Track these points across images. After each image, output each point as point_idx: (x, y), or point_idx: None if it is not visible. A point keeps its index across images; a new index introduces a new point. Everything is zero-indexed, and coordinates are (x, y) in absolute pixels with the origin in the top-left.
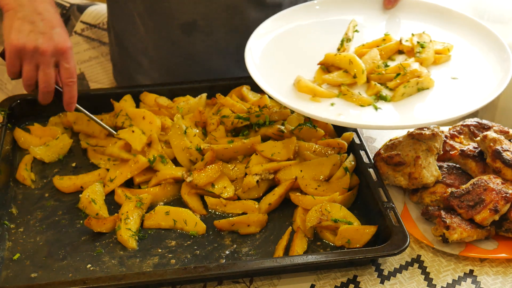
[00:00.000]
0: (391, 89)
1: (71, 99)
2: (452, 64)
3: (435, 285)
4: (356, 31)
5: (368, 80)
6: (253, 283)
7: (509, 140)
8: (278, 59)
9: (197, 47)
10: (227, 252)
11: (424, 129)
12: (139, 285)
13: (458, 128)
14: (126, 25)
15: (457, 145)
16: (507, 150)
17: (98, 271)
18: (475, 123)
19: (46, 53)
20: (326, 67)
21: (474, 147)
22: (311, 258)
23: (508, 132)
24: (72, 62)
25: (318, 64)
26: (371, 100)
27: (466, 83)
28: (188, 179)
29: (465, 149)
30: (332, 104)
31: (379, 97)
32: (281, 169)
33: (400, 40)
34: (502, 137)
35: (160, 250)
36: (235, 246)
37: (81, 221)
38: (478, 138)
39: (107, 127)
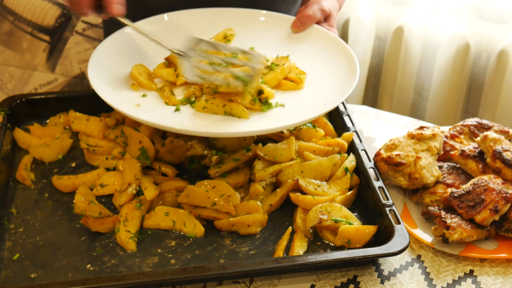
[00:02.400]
0: (202, 97)
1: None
2: (297, 94)
3: (435, 285)
4: (228, 40)
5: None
6: (253, 283)
7: (509, 140)
8: (132, 53)
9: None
10: (227, 252)
11: (424, 129)
12: (139, 285)
13: (458, 128)
14: (113, 19)
15: (457, 145)
16: (507, 150)
17: (98, 271)
18: (475, 123)
19: None
20: (169, 63)
21: (474, 147)
22: (311, 258)
23: (508, 132)
24: None
25: (164, 58)
26: (178, 101)
27: (291, 111)
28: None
29: (465, 149)
30: (144, 95)
31: (188, 101)
32: (282, 170)
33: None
34: (502, 137)
35: (160, 250)
36: (235, 246)
37: (81, 221)
38: (478, 138)
39: (169, 47)
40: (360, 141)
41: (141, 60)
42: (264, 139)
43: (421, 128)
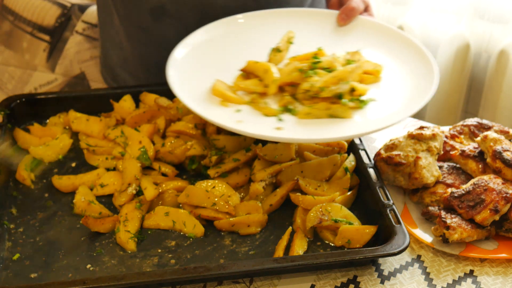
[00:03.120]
0: (303, 104)
1: None
2: (380, 85)
3: (435, 285)
4: (291, 42)
5: (284, 92)
6: (253, 283)
7: (509, 140)
8: (204, 64)
9: (167, 33)
10: (227, 252)
11: (424, 129)
12: (139, 285)
13: (458, 128)
14: (106, 18)
15: (457, 145)
16: (508, 150)
17: (98, 271)
18: (475, 123)
19: None
20: (247, 74)
21: (475, 147)
22: (311, 258)
23: (508, 132)
24: None
25: (239, 70)
26: (277, 111)
27: (384, 106)
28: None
29: (465, 149)
30: (238, 111)
31: (287, 110)
32: (282, 170)
33: (332, 55)
34: (502, 137)
35: (160, 250)
36: (235, 246)
37: (81, 221)
38: (479, 138)
39: None
40: (360, 141)
41: (211, 73)
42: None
43: (421, 128)
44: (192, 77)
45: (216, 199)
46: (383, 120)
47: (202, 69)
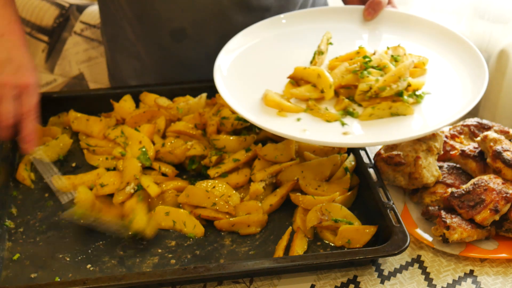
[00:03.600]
0: (360, 105)
1: (30, 135)
2: (427, 78)
3: (435, 285)
4: (330, 43)
5: (337, 95)
6: (253, 283)
7: (510, 140)
8: (248, 73)
9: (187, 54)
10: (227, 252)
11: None
12: (139, 285)
13: (458, 128)
14: (117, 31)
15: (457, 145)
16: (508, 150)
17: (98, 271)
18: (475, 123)
19: (6, 85)
20: (296, 81)
21: (475, 147)
22: (311, 258)
23: (508, 132)
24: (33, 98)
25: (287, 77)
26: (338, 115)
27: (439, 99)
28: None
29: (465, 149)
30: (298, 119)
31: (347, 113)
32: (282, 170)
33: (374, 53)
34: (502, 137)
35: (160, 250)
36: (235, 246)
37: (81, 221)
38: (479, 138)
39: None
40: None
41: (257, 83)
42: (264, 139)
43: None
44: (239, 87)
45: (216, 199)
46: (445, 115)
47: (246, 78)
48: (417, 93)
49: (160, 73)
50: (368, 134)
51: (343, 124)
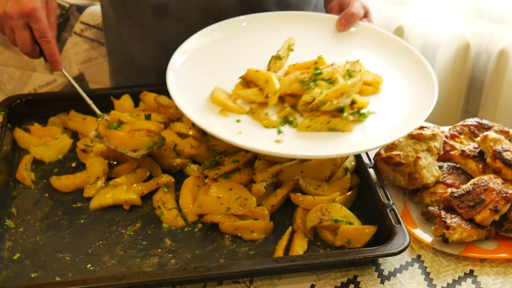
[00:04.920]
0: (302, 115)
1: (51, 57)
2: (380, 97)
3: (435, 285)
4: (291, 50)
5: (283, 102)
6: (253, 283)
7: (509, 140)
8: (202, 72)
9: (168, 34)
10: (227, 252)
11: (424, 129)
12: (139, 285)
13: (458, 128)
14: (106, 21)
15: (457, 145)
16: (507, 150)
17: (98, 271)
18: (475, 123)
19: (13, 15)
20: (247, 82)
21: (474, 147)
22: (311, 258)
23: (508, 132)
24: (40, 22)
25: (239, 78)
26: (277, 122)
27: (383, 119)
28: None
29: (465, 149)
30: (238, 121)
31: (287, 121)
32: (282, 171)
33: (332, 65)
34: (502, 137)
35: (160, 250)
36: (235, 246)
37: (81, 221)
38: (478, 138)
39: (93, 105)
40: None
41: (211, 80)
42: None
43: (421, 128)
44: (192, 83)
45: (229, 203)
46: (383, 136)
47: (201, 75)
48: (361, 111)
49: (139, 61)
50: (299, 146)
51: (279, 132)
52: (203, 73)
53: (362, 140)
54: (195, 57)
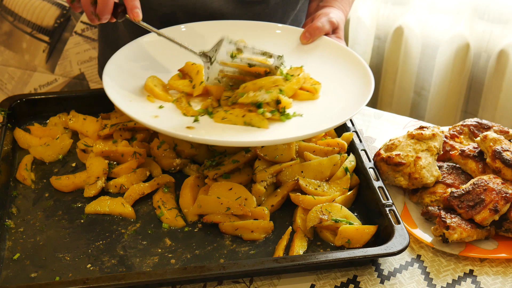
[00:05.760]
0: (221, 108)
1: (130, 4)
2: (314, 103)
3: (435, 285)
4: (241, 52)
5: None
6: (253, 283)
7: (509, 140)
8: (149, 64)
9: None
10: (227, 252)
11: (424, 129)
12: (139, 285)
13: (458, 128)
14: (107, 23)
15: (457, 145)
16: (507, 150)
17: (98, 271)
18: (475, 123)
19: None
20: (183, 75)
21: (474, 147)
22: (311, 258)
23: (508, 132)
24: None
25: (178, 70)
26: (196, 112)
27: (305, 121)
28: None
29: (465, 149)
30: (160, 107)
31: (207, 112)
32: (282, 170)
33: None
34: (502, 137)
35: (160, 250)
36: (235, 246)
37: (81, 221)
38: (478, 138)
39: (188, 47)
40: (360, 141)
41: (154, 72)
42: None
43: (421, 128)
44: (132, 74)
45: (229, 203)
46: (294, 133)
47: (144, 69)
48: (285, 111)
49: None
50: (206, 133)
51: (195, 120)
52: (146, 68)
53: (274, 137)
54: (140, 53)
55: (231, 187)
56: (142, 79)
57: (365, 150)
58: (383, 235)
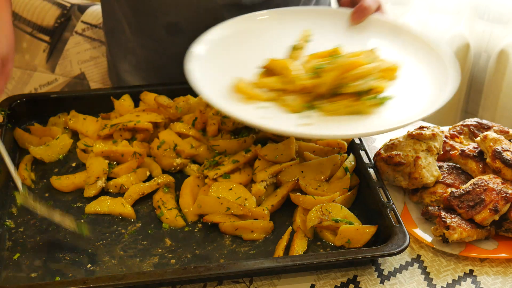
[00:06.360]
0: (324, 100)
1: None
2: (395, 83)
3: (435, 285)
4: (307, 41)
5: (304, 89)
6: (253, 283)
7: (509, 140)
8: (223, 62)
9: (182, 48)
10: (227, 252)
11: (424, 129)
12: (139, 285)
13: (458, 128)
14: (114, 24)
15: (457, 145)
16: (507, 150)
17: (98, 271)
18: (475, 123)
19: None
20: (268, 71)
21: (474, 147)
22: (311, 258)
23: (508, 132)
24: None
25: (261, 67)
26: (302, 107)
27: (401, 103)
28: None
29: (465, 149)
30: (262, 108)
31: (310, 107)
32: (282, 170)
33: (343, 54)
34: (502, 137)
35: (160, 250)
36: (235, 246)
37: (81, 221)
38: (478, 138)
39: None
40: (360, 141)
41: (230, 72)
42: (264, 139)
43: (421, 128)
44: (211, 74)
45: (229, 203)
46: (398, 119)
47: (221, 66)
48: (379, 96)
49: (153, 68)
50: (325, 128)
51: (303, 116)
52: (222, 65)
53: (378, 122)
54: (214, 49)
55: (231, 187)
56: (223, 80)
57: (365, 150)
58: (383, 235)
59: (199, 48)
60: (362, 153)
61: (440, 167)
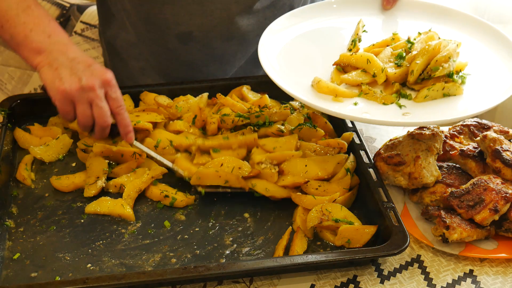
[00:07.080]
0: (411, 88)
1: (126, 127)
2: (462, 60)
3: (435, 285)
4: (364, 31)
5: (386, 79)
6: (253, 283)
7: (509, 140)
8: (290, 60)
9: (194, 55)
10: (227, 252)
11: (424, 128)
12: (139, 284)
13: (458, 128)
14: (117, 32)
15: (457, 145)
16: (507, 150)
17: (98, 271)
18: (475, 123)
19: (94, 87)
20: (342, 67)
21: (474, 147)
22: (311, 258)
23: (508, 132)
24: (118, 91)
25: (333, 64)
26: (395, 98)
27: (482, 79)
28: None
29: (465, 149)
30: (355, 104)
31: (400, 95)
32: (286, 160)
33: (408, 39)
34: (502, 137)
35: (160, 250)
36: (235, 246)
37: (81, 221)
38: (478, 138)
39: (167, 163)
40: (360, 141)
41: (301, 69)
42: (264, 136)
43: (421, 128)
44: (287, 73)
45: (228, 176)
46: (491, 95)
47: (291, 64)
48: (460, 74)
49: (165, 73)
50: (427, 114)
51: (400, 106)
52: (291, 63)
53: (474, 101)
54: (282, 47)
55: (222, 163)
56: (301, 79)
57: (365, 150)
58: (383, 235)
59: (266, 41)
60: (362, 153)
61: (440, 167)
